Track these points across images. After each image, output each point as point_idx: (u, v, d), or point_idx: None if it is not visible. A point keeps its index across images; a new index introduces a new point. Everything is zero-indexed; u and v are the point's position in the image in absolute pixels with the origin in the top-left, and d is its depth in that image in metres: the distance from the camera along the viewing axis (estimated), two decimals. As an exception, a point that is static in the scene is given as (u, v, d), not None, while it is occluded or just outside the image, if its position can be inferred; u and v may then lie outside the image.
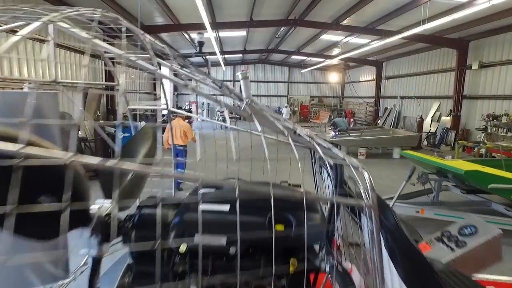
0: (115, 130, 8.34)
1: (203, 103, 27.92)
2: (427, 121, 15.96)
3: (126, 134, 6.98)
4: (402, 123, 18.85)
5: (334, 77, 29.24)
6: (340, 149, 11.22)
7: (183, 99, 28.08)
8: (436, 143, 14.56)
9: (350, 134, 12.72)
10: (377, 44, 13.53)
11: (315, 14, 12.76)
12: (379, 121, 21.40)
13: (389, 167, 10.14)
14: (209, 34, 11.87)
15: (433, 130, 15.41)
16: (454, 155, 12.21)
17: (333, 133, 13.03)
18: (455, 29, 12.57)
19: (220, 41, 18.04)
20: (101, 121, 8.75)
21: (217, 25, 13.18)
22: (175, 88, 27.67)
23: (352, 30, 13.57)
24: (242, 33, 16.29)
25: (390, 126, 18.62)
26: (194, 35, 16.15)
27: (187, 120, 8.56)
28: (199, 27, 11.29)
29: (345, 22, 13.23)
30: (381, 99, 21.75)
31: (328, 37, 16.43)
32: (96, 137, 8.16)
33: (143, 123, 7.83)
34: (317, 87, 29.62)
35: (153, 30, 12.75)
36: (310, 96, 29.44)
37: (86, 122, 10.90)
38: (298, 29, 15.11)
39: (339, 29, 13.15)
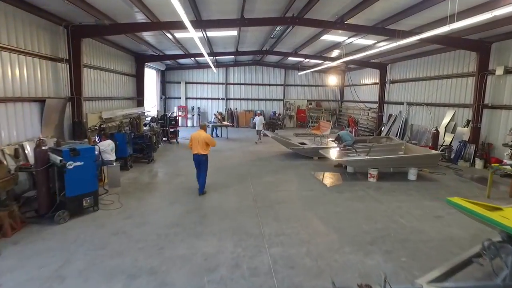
0: (60, 160, 6.49)
1: (193, 108, 26.09)
2: (440, 132, 14.30)
3: (79, 163, 4.57)
4: (409, 132, 17.18)
5: (332, 80, 27.55)
6: (346, 169, 9.45)
7: (172, 103, 26.14)
8: (452, 157, 12.89)
9: (357, 150, 10.99)
10: (389, 46, 11.77)
11: (316, 11, 10.99)
12: (382, 128, 19.75)
13: (408, 196, 8.40)
14: (192, 33, 10.02)
15: (446, 141, 13.76)
16: (478, 174, 10.54)
17: (337, 149, 11.28)
18: (476, 29, 10.89)
19: (209, 41, 16.18)
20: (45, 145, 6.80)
21: (202, 24, 11.32)
22: (163, 92, 25.80)
23: (359, 30, 11.79)
24: (233, 32, 14.46)
25: (396, 136, 17.00)
26: (178, 34, 14.30)
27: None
28: (181, 25, 9.43)
29: (350, 21, 11.44)
30: (385, 105, 20.08)
31: (330, 37, 14.66)
32: (38, 166, 6.23)
33: (106, 144, 5.45)
34: (315, 90, 27.91)
35: (124, 29, 10.86)
36: (308, 100, 27.74)
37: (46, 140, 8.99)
38: (296, 29, 13.33)
39: (344, 29, 11.37)
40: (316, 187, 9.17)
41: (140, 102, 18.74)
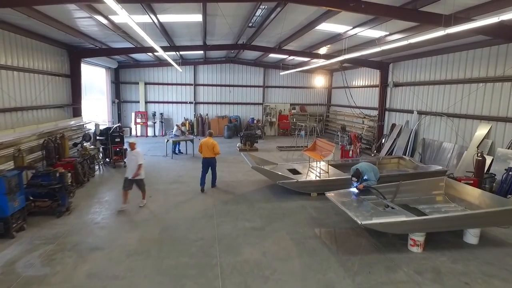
0: None
1: (154, 114, 21.62)
2: (469, 153, 10.97)
3: None
4: (420, 148, 13.82)
5: (319, 81, 24.04)
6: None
7: (129, 108, 21.52)
8: (494, 189, 9.49)
9: (382, 193, 7.27)
10: (422, 38, 8.05)
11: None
12: (383, 140, 16.39)
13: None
14: (120, 14, 5.85)
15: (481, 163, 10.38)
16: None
17: (353, 190, 7.52)
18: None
19: (164, 30, 11.94)
20: None
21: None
22: (116, 95, 21.16)
23: (381, 12, 7.92)
24: (196, 17, 10.33)
25: (406, 155, 13.59)
26: (117, 19, 9.96)
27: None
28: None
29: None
30: (386, 112, 16.71)
31: (329, 26, 10.90)
32: None
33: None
34: (299, 92, 24.27)
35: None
36: (291, 104, 24.04)
37: None
38: (286, 12, 9.40)
39: (361, 10, 7.54)
40: (333, 275, 5.31)
41: (76, 111, 14.16)
